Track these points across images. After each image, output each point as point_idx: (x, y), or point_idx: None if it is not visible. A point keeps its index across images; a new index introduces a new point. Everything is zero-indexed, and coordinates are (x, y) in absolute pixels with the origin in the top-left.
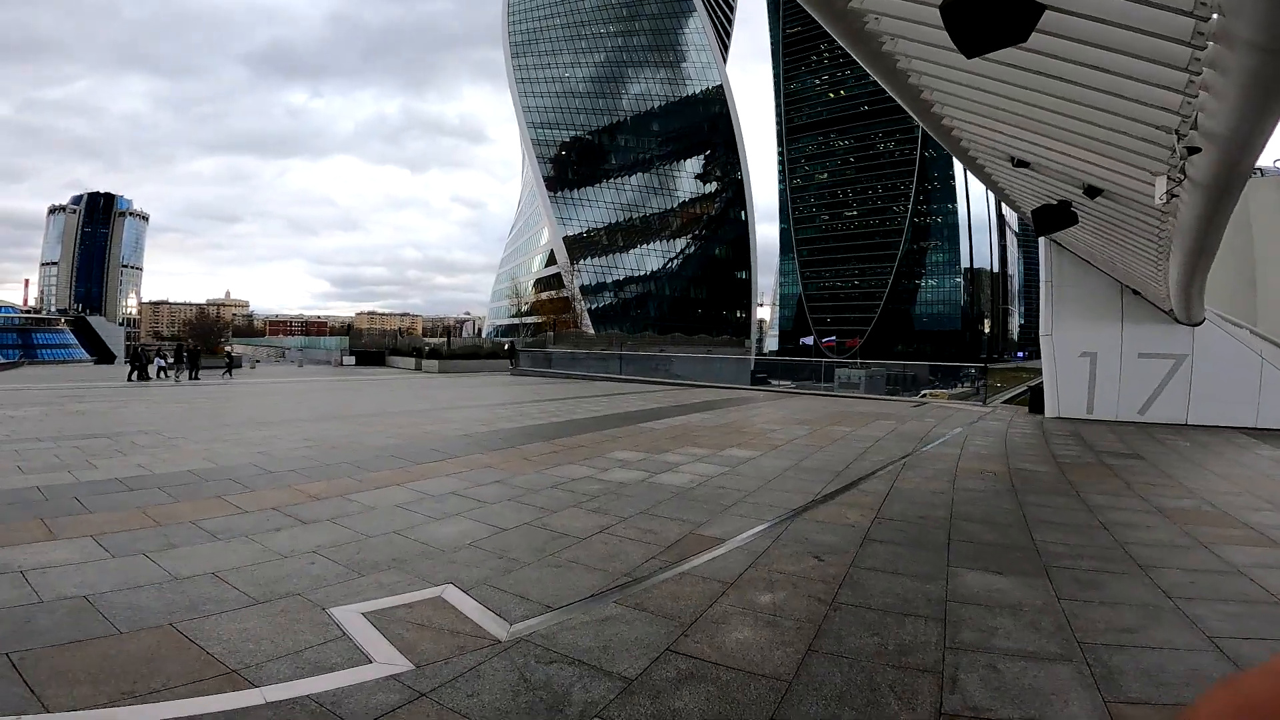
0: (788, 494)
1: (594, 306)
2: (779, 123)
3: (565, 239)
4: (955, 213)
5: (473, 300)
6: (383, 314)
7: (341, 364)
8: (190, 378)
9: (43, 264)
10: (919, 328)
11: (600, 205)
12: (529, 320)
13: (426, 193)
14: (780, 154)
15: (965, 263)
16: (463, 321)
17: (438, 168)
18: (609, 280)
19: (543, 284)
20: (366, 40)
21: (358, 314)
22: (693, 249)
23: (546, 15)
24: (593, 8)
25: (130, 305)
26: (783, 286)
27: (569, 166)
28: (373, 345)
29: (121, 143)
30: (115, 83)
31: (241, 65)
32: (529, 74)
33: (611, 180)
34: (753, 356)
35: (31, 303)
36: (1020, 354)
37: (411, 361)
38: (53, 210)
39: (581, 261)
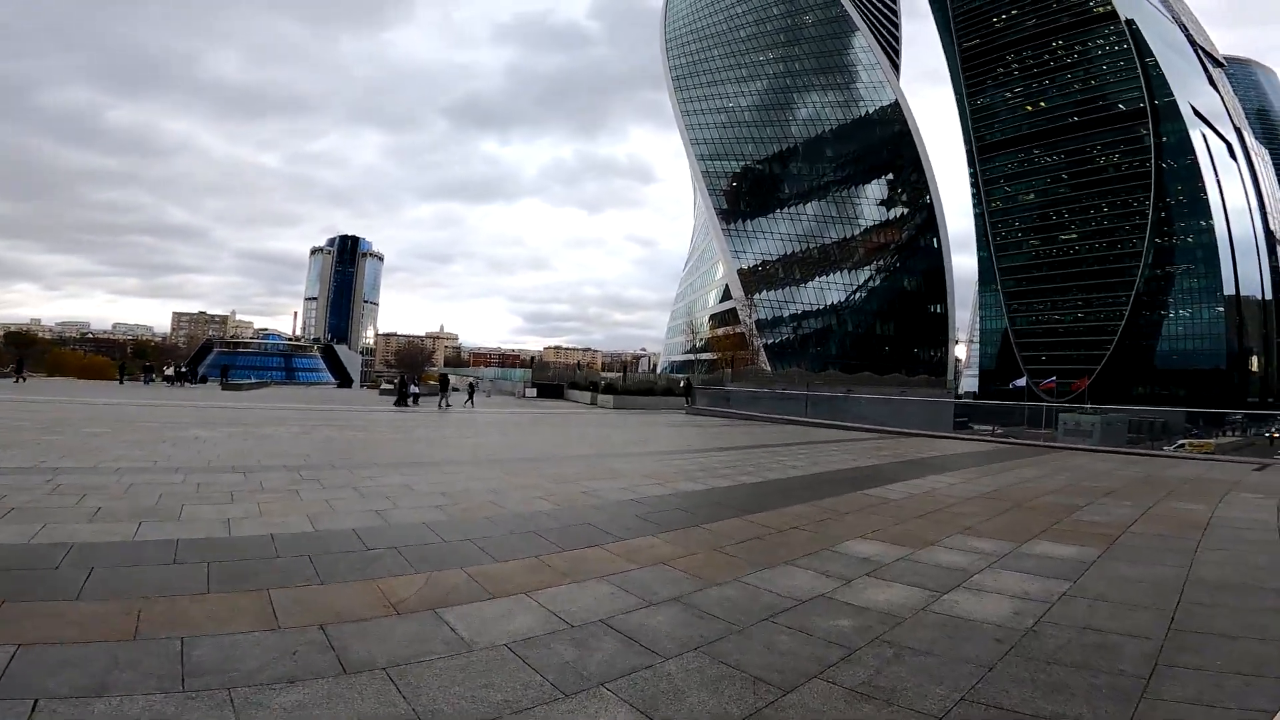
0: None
1: (770, 342)
2: (967, 142)
3: (740, 272)
4: (1210, 231)
5: (647, 337)
6: (567, 348)
7: (524, 395)
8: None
9: (305, 298)
10: (1164, 366)
11: (775, 236)
12: (704, 357)
13: (603, 232)
14: (972, 175)
15: (1229, 289)
16: (639, 357)
17: (612, 207)
18: (786, 315)
19: (718, 319)
20: (540, 88)
21: (546, 348)
22: (878, 281)
23: (704, 47)
24: (749, 36)
25: (369, 336)
26: (983, 321)
27: (741, 197)
28: (554, 378)
29: (364, 191)
30: (356, 137)
31: (444, 117)
32: (693, 106)
33: (786, 210)
34: (952, 400)
35: (299, 333)
36: None
37: (587, 395)
38: (314, 251)
39: (757, 295)
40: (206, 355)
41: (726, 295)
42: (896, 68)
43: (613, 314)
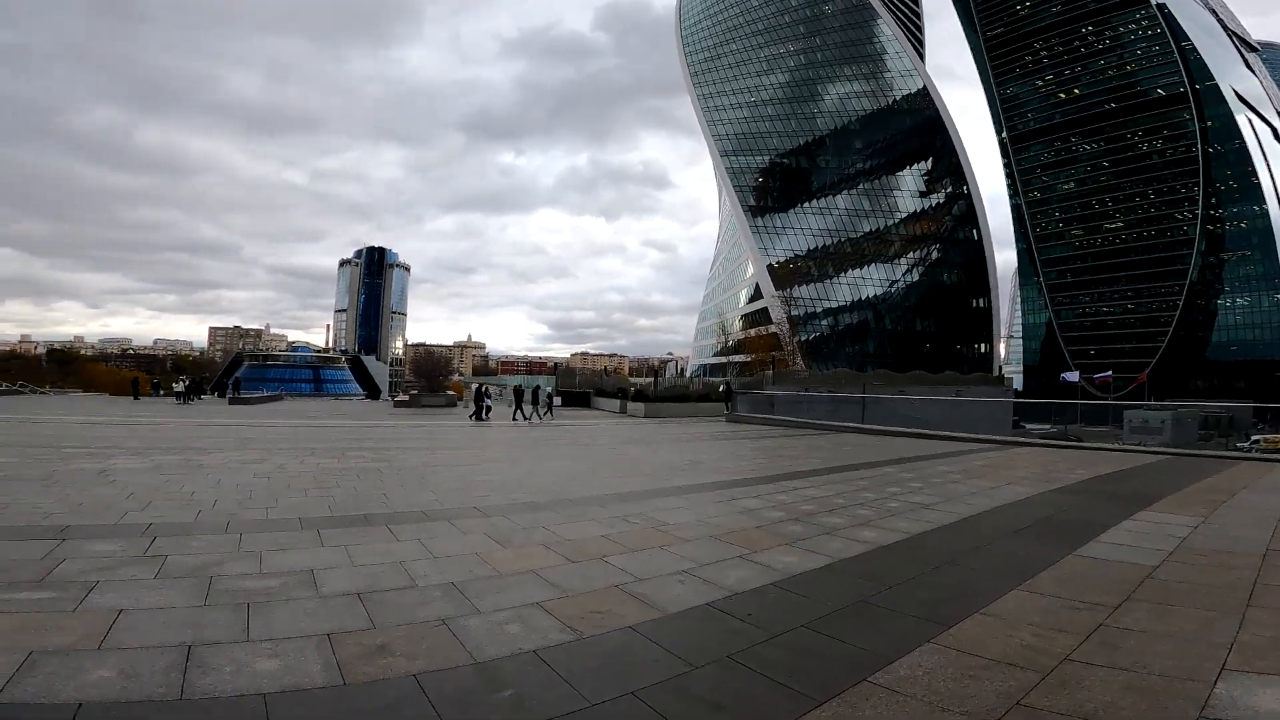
0: None
1: (803, 338)
2: (999, 132)
3: (770, 270)
4: (1265, 215)
5: (673, 341)
6: (593, 354)
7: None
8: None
9: (335, 310)
10: (1222, 358)
11: (806, 231)
12: (736, 358)
13: (621, 239)
14: (1006, 165)
15: None
16: (666, 361)
17: (629, 215)
18: (820, 313)
19: (749, 319)
20: (551, 99)
21: (572, 355)
22: (916, 275)
23: (722, 42)
24: (768, 28)
25: (398, 347)
26: (1025, 315)
27: (768, 193)
28: (581, 385)
29: (385, 205)
30: (374, 153)
31: (459, 131)
32: (714, 103)
33: (815, 204)
34: (1012, 399)
35: (330, 345)
36: None
37: (616, 404)
38: (342, 263)
39: (789, 292)
40: (237, 369)
41: (757, 294)
42: (921, 56)
43: (636, 320)
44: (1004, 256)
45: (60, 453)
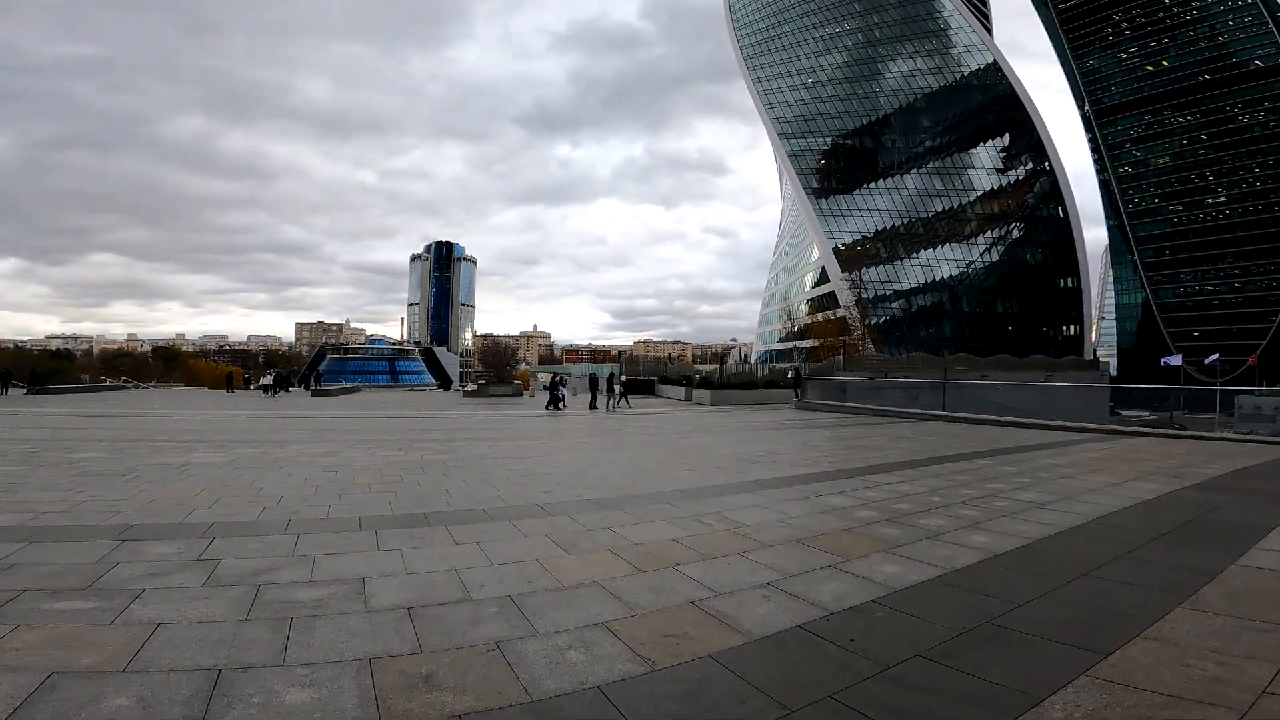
0: None
1: (873, 322)
2: (1080, 106)
3: (836, 252)
4: None
5: (736, 327)
6: (657, 342)
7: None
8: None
9: (408, 304)
10: None
11: (873, 213)
12: (803, 344)
13: (681, 226)
14: (1091, 140)
15: None
16: (729, 348)
17: (687, 202)
18: (891, 295)
19: (815, 304)
20: (604, 90)
21: (635, 342)
22: (995, 255)
23: (775, 24)
24: (820, 8)
25: (467, 338)
26: (1119, 295)
27: (832, 175)
28: (645, 372)
29: (452, 201)
30: (438, 150)
31: (517, 126)
32: (770, 85)
33: (883, 184)
34: (1108, 384)
35: (404, 337)
36: None
37: (681, 391)
38: (413, 259)
39: (857, 274)
40: (320, 361)
41: (823, 278)
42: (989, 30)
43: (699, 306)
44: (1092, 234)
45: (151, 446)
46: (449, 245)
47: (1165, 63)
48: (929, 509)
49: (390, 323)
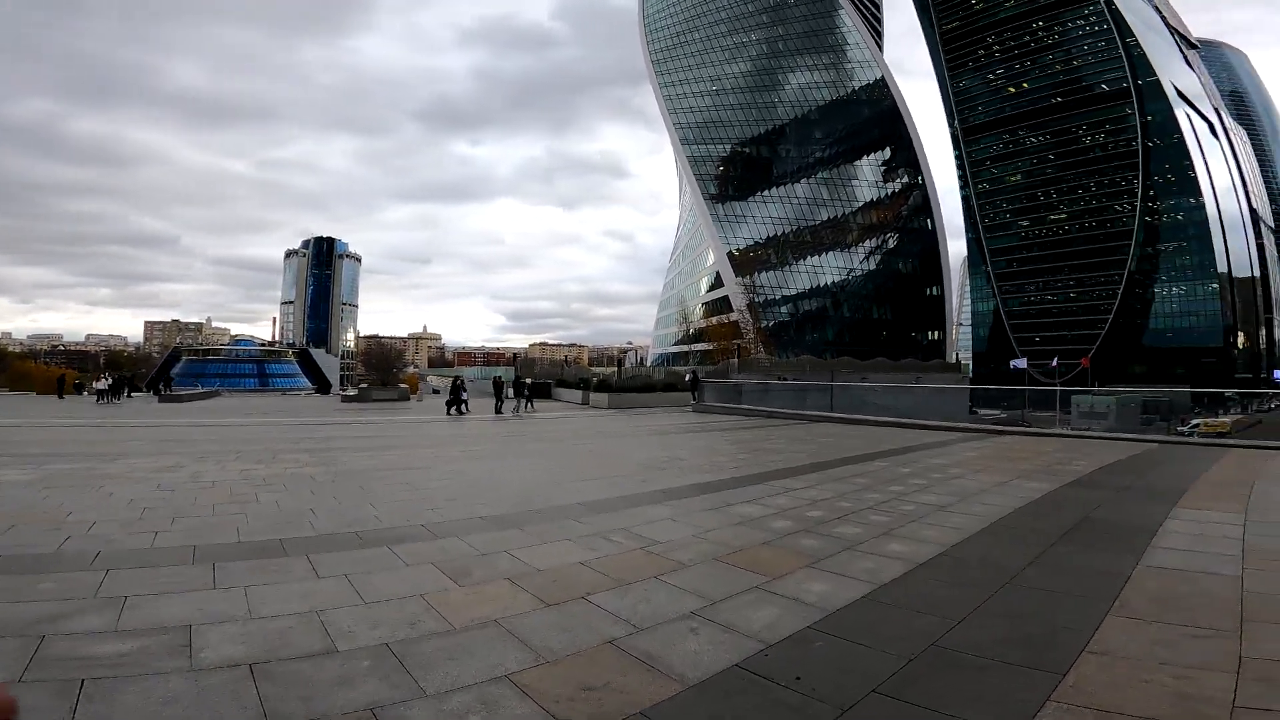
0: None
1: (765, 325)
2: (951, 124)
3: (731, 257)
4: (1201, 208)
5: (633, 330)
6: (553, 344)
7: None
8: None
9: (282, 303)
10: (1159, 344)
11: (766, 220)
12: (698, 347)
13: (581, 228)
14: (958, 157)
15: (1221, 266)
16: (626, 351)
17: (588, 205)
18: (780, 300)
19: (710, 308)
20: (509, 89)
21: (531, 345)
22: (873, 264)
23: (685, 30)
24: (730, 17)
25: (349, 339)
26: (974, 303)
27: (729, 181)
28: (542, 375)
29: (337, 195)
30: (326, 142)
31: (414, 120)
32: (676, 90)
33: (776, 192)
34: (969, 386)
35: (277, 338)
36: (1278, 372)
37: (578, 394)
38: (288, 254)
39: (750, 279)
40: (175, 364)
41: (718, 282)
42: (880, 48)
43: (596, 309)
44: (955, 246)
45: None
46: (330, 241)
47: (1026, 85)
48: (841, 516)
49: (261, 323)
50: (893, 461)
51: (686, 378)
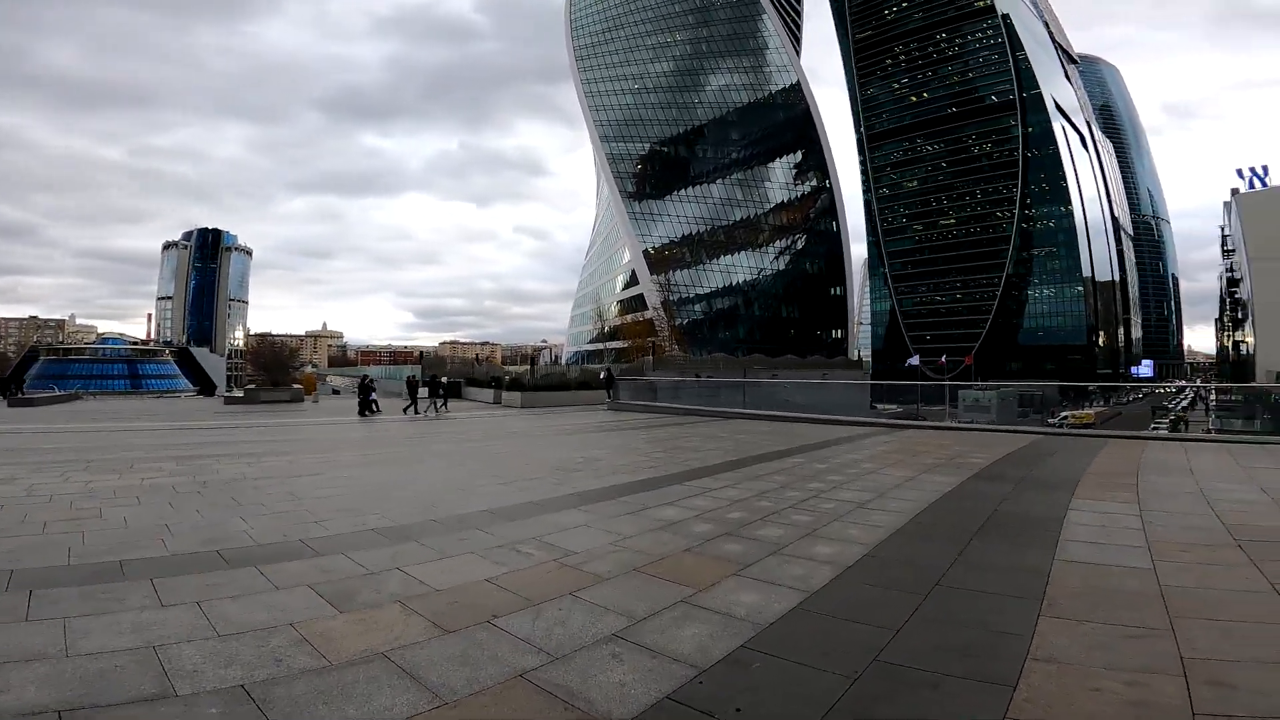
0: None
1: (679, 323)
2: (858, 131)
3: (647, 255)
4: (1070, 216)
5: (547, 328)
6: (464, 343)
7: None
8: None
9: (158, 298)
10: (1033, 342)
11: (682, 219)
12: (613, 345)
13: (494, 225)
14: (862, 163)
15: (1086, 271)
16: (540, 349)
17: (503, 201)
18: (694, 298)
19: (625, 305)
20: (424, 81)
21: (441, 343)
22: (783, 264)
23: (610, 27)
24: (656, 17)
25: (237, 337)
26: (872, 303)
27: (647, 180)
28: (452, 374)
29: (226, 185)
30: (215, 130)
31: (318, 110)
32: (598, 88)
33: (692, 191)
34: (869, 381)
35: (154, 336)
36: (1135, 369)
37: (489, 394)
38: (167, 246)
39: (665, 277)
40: (33, 364)
41: (633, 280)
42: (798, 54)
43: (510, 307)
44: (858, 249)
45: None
46: (216, 233)
47: (926, 94)
48: (763, 517)
49: (135, 320)
50: (808, 457)
51: (601, 375)
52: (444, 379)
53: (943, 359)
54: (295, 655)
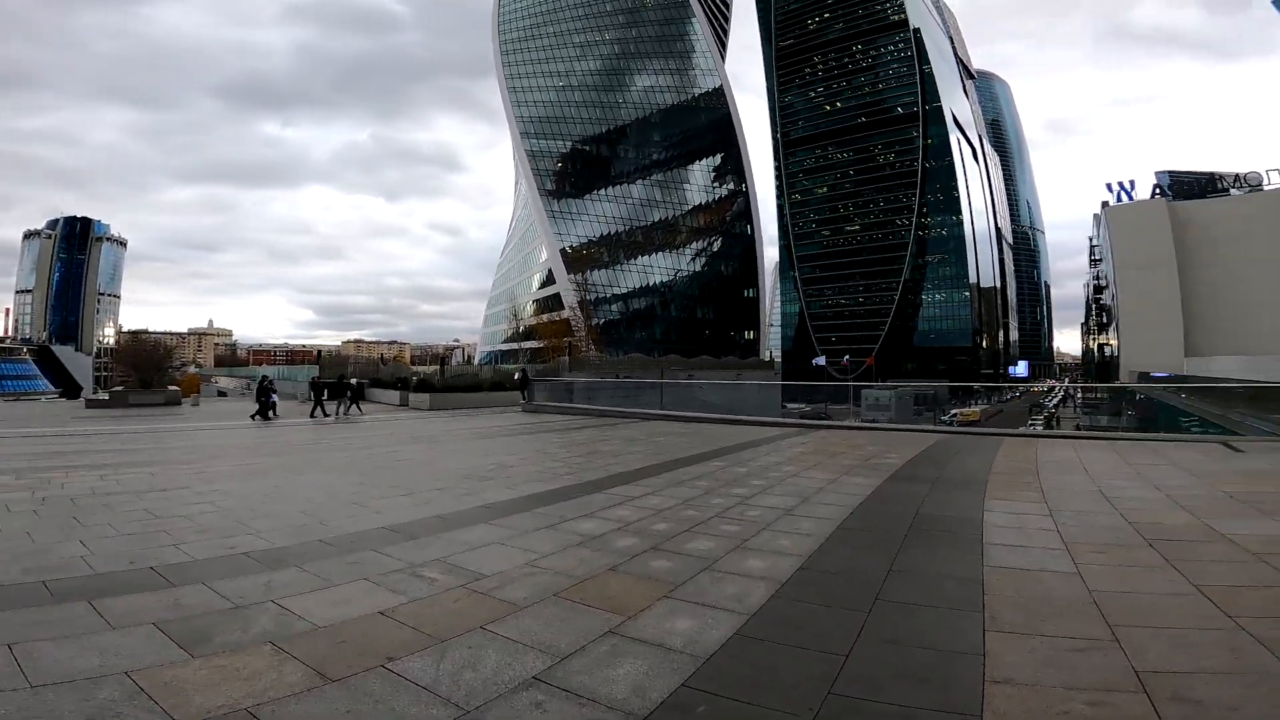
0: None
1: (596, 322)
2: (775, 137)
3: (564, 254)
4: (961, 225)
5: (459, 328)
6: (370, 341)
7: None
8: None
9: (17, 292)
10: (926, 344)
11: (601, 219)
12: (528, 345)
13: (405, 221)
14: (777, 169)
15: (973, 277)
16: (452, 349)
17: (415, 197)
18: (611, 298)
19: (541, 305)
20: (336, 70)
21: (344, 342)
22: (699, 265)
23: (536, 25)
24: (585, 15)
25: (108, 335)
26: (783, 305)
27: (567, 178)
28: (356, 375)
29: (100, 172)
30: (92, 114)
31: (214, 97)
32: (521, 83)
33: (612, 191)
34: (780, 382)
35: (11, 332)
36: (1012, 369)
37: (395, 395)
38: (28, 235)
39: (582, 277)
40: None
41: (550, 280)
42: (723, 58)
43: (420, 305)
44: (771, 252)
45: None
46: (85, 221)
47: (839, 104)
48: (690, 527)
49: None
50: (729, 460)
51: (516, 376)
52: (352, 380)
53: (845, 359)
54: (129, 712)
